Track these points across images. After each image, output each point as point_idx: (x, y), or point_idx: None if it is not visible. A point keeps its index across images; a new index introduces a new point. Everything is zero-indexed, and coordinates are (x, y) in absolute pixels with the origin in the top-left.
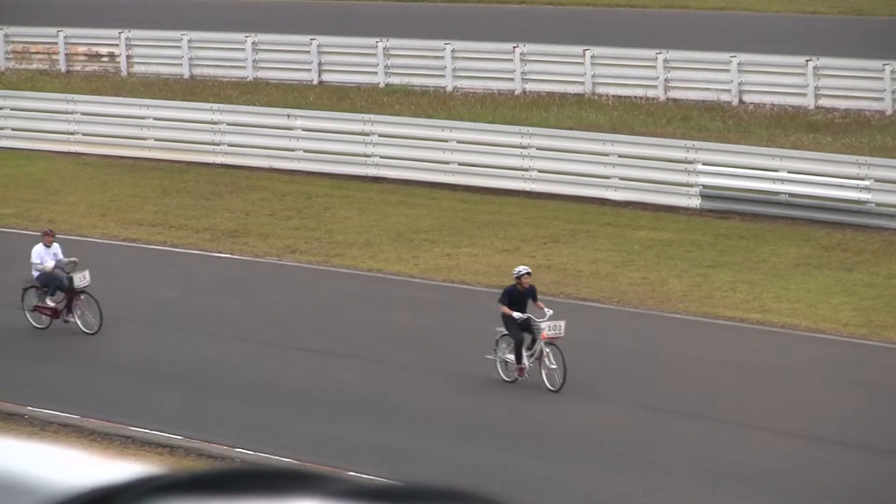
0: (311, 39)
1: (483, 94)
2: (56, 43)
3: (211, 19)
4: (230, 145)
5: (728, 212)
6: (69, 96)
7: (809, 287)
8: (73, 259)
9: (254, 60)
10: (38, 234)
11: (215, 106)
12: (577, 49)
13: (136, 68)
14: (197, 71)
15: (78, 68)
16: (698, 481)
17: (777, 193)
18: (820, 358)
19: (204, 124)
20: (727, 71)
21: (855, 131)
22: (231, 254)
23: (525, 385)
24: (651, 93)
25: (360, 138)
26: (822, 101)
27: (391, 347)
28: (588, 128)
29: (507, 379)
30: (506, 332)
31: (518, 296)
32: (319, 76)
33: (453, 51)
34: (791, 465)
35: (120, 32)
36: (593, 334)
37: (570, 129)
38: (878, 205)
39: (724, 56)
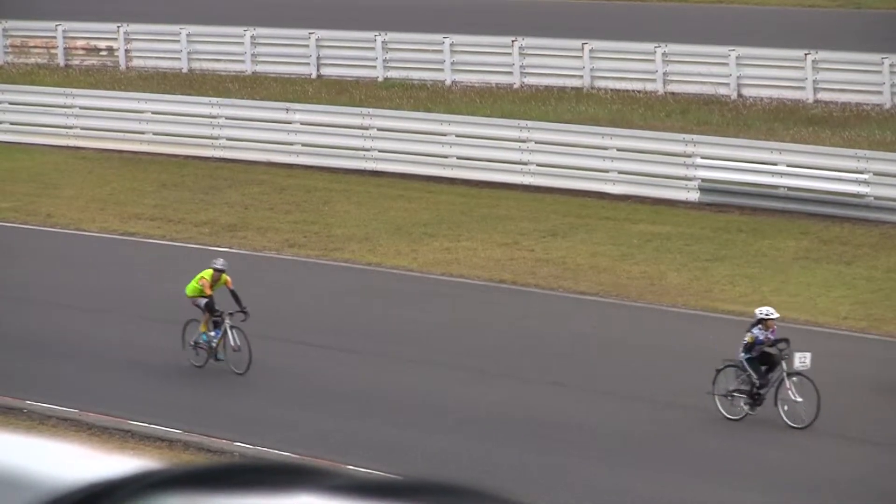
0: (310, 33)
1: (482, 88)
2: (55, 37)
3: (209, 13)
4: (228, 139)
5: (727, 205)
6: (67, 90)
7: (808, 281)
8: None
9: (252, 54)
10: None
11: (213, 100)
12: (576, 43)
13: (135, 62)
14: (196, 65)
15: (76, 62)
16: (697, 473)
17: (776, 187)
18: (819, 351)
19: (202, 118)
20: (726, 65)
21: (854, 125)
22: (230, 248)
23: (515, 377)
24: (650, 86)
25: (359, 132)
26: (821, 95)
27: (390, 342)
28: (587, 121)
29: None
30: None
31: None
32: (318, 70)
33: (452, 45)
34: (791, 458)
35: (118, 26)
36: (591, 328)
37: (569, 122)
38: (876, 198)
39: (723, 50)
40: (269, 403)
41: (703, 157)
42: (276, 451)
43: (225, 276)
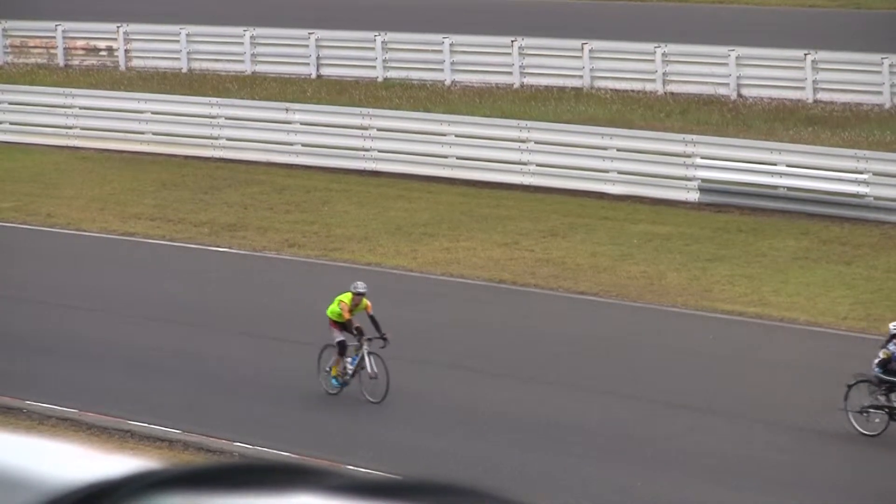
0: (310, 33)
1: (481, 88)
2: (54, 37)
3: (209, 13)
4: (228, 139)
5: (726, 205)
6: (67, 90)
7: (808, 281)
8: None
9: (252, 54)
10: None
11: (213, 100)
12: (576, 43)
13: (135, 62)
14: (195, 65)
15: (76, 62)
16: (697, 474)
17: (776, 187)
18: (818, 351)
19: (202, 118)
20: (725, 65)
21: (853, 125)
22: (230, 248)
23: (515, 377)
24: (649, 86)
25: (359, 132)
26: (821, 95)
27: (390, 341)
28: (586, 121)
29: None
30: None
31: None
32: (318, 70)
33: (451, 45)
34: (790, 457)
35: (118, 26)
36: (591, 328)
37: (569, 122)
38: (876, 198)
39: (723, 50)
40: (267, 403)
41: (702, 157)
42: (276, 451)
43: (365, 301)
